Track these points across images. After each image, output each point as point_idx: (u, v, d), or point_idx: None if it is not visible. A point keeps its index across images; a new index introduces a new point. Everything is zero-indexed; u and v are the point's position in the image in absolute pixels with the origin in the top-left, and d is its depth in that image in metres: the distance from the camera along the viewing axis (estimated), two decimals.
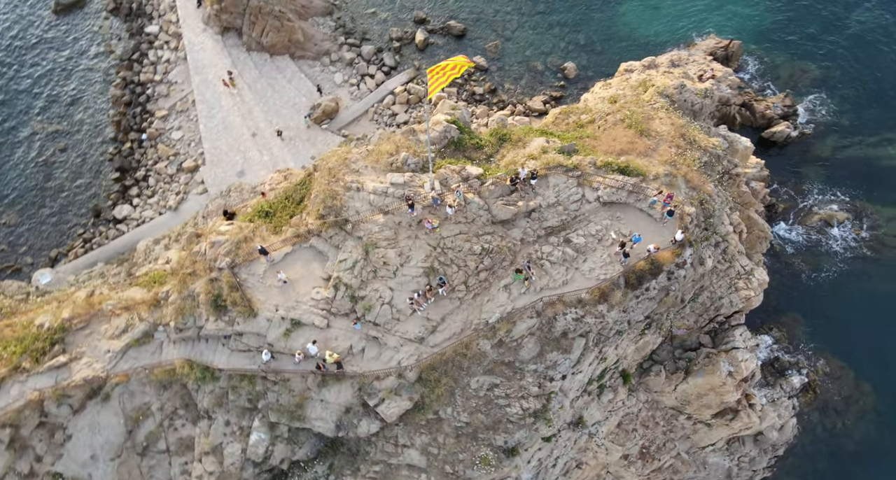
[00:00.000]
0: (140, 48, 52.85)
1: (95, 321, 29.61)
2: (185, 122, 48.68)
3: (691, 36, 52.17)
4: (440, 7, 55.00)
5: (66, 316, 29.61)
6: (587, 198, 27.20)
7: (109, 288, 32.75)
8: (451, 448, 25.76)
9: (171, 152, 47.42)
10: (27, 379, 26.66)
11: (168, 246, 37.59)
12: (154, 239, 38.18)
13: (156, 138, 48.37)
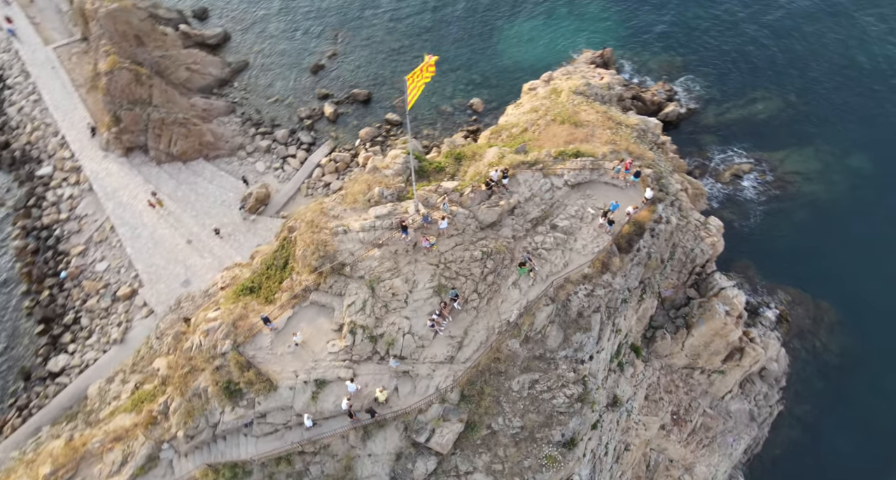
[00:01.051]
0: (35, 192, 49.06)
1: (85, 465, 26.14)
2: (108, 251, 45.47)
3: (569, 53, 57.65)
4: (339, 80, 57.07)
5: (48, 471, 25.78)
6: (556, 185, 28.51)
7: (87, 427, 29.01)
8: (514, 458, 24.57)
9: (99, 285, 43.77)
10: None
11: (126, 379, 34.33)
12: (106, 378, 34.72)
13: (77, 276, 44.38)
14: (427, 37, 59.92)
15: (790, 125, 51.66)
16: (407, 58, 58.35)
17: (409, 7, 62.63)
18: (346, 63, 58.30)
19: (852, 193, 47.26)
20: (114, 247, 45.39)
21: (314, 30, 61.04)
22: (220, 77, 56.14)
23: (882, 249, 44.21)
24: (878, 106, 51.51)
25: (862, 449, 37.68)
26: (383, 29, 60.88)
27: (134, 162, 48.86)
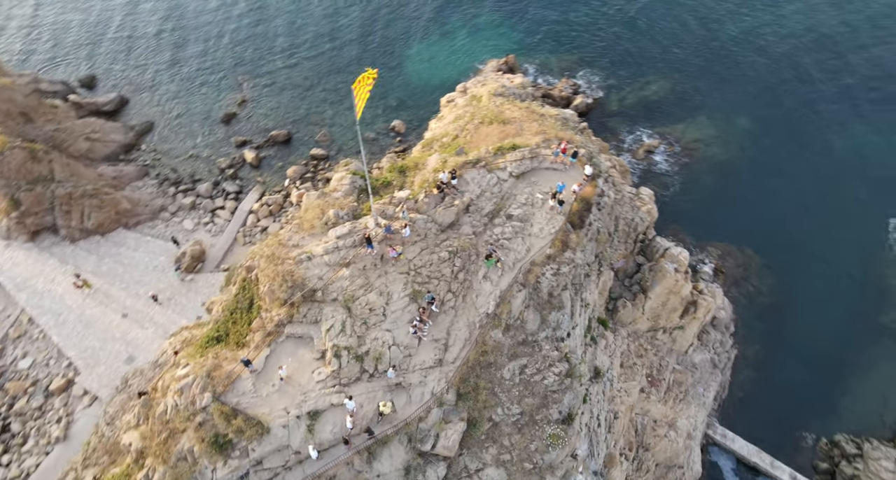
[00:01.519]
0: None
1: None
2: (30, 345, 41.46)
3: (474, 65, 59.91)
4: (254, 125, 55.94)
5: None
6: (501, 178, 29.43)
7: None
8: (520, 444, 24.68)
9: (26, 384, 39.74)
10: None
11: (80, 477, 31.26)
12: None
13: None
14: (332, 70, 60.10)
15: (681, 100, 56.36)
16: (318, 92, 58.26)
17: (306, 44, 62.75)
18: (257, 107, 57.32)
19: (745, 150, 52.18)
20: (36, 340, 41.40)
21: (215, 80, 59.57)
22: (125, 142, 53.38)
23: (780, 194, 49.02)
24: (746, 70, 57.47)
25: (805, 376, 41.00)
26: (287, 68, 60.51)
27: (43, 245, 44.99)
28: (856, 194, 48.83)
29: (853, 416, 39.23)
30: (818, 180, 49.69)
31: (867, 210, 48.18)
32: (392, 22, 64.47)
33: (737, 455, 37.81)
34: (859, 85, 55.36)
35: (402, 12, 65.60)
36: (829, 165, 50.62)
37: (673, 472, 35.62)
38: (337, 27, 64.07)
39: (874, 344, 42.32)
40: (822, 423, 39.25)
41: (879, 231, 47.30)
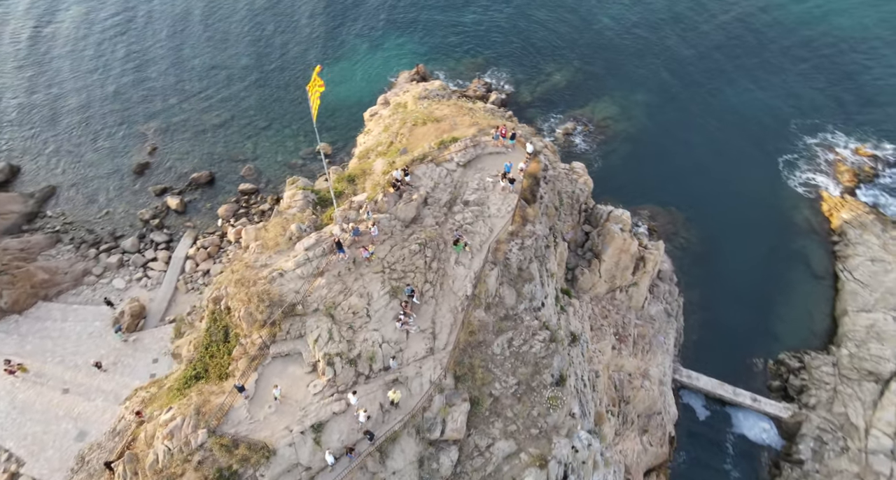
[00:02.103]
0: None
1: None
2: None
3: (387, 79, 60.78)
4: (172, 171, 53.12)
5: None
6: (450, 169, 30.23)
7: None
8: (523, 412, 25.31)
9: None
10: None
11: None
12: None
13: None
14: (241, 106, 58.35)
15: (582, 86, 60.26)
16: (231, 129, 56.21)
17: (213, 81, 60.61)
18: (171, 153, 54.53)
19: (648, 120, 56.68)
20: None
21: (115, 133, 55.92)
22: (26, 211, 48.78)
23: (685, 154, 53.70)
24: (627, 51, 62.58)
25: (742, 309, 44.82)
26: (196, 108, 58.08)
27: None
28: (744, 143, 54.53)
29: (789, 335, 43.34)
30: (710, 137, 55.05)
31: (757, 154, 53.82)
32: (289, 49, 63.87)
33: (704, 392, 40.55)
34: (720, 50, 62.09)
35: (296, 38, 65.17)
36: (716, 123, 56.19)
37: (654, 419, 37.61)
38: (232, 62, 62.43)
39: (790, 269, 47.07)
40: (766, 347, 43.01)
41: (771, 170, 52.94)
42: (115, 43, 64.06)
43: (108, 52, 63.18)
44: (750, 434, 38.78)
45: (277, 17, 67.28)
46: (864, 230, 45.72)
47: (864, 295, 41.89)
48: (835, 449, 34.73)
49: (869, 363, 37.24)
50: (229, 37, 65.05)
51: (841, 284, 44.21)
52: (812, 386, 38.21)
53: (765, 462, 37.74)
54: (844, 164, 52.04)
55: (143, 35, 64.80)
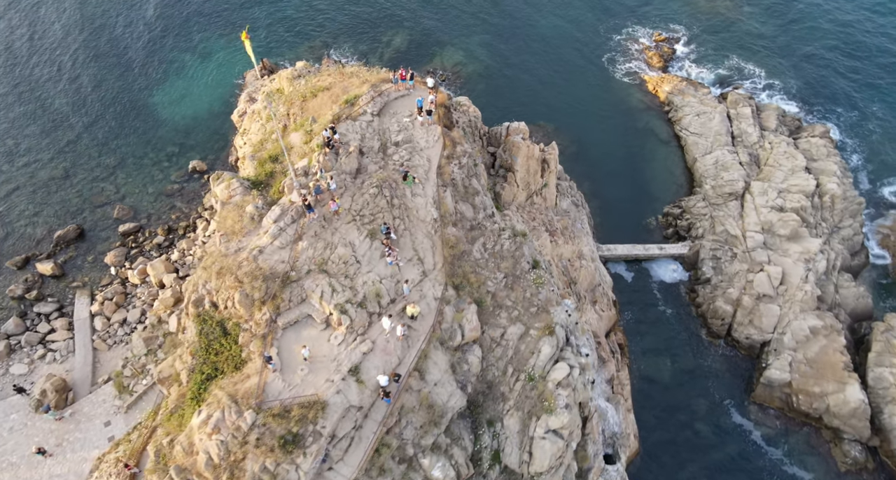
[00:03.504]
0: None
1: None
2: None
3: (233, 83, 58.18)
4: (22, 240, 45.92)
5: None
6: (367, 120, 31.34)
7: None
8: (519, 297, 28.29)
9: None
10: None
11: None
12: None
13: None
14: (81, 149, 51.77)
15: (425, 41, 63.36)
16: (80, 174, 49.37)
17: (30, 134, 52.73)
18: (14, 220, 46.53)
19: (490, 57, 61.72)
20: None
21: None
22: None
23: (530, 74, 59.79)
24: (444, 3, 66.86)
25: (621, 183, 52.11)
26: (23, 168, 49.83)
27: None
28: (571, 55, 62.23)
29: (664, 191, 51.55)
30: (543, 58, 61.78)
31: (583, 61, 61.66)
32: (105, 82, 57.64)
33: (622, 258, 47.10)
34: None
35: (108, 70, 58.76)
36: (543, 46, 63.09)
37: (597, 290, 43.09)
38: (43, 109, 54.95)
39: (643, 142, 55.23)
40: (651, 207, 50.72)
41: (599, 69, 61.11)
42: None
43: None
44: (666, 277, 46.14)
45: (75, 53, 60.15)
46: (684, 95, 55.29)
47: (701, 142, 51.16)
48: (727, 259, 43.04)
49: (726, 187, 46.17)
50: (29, 82, 57.04)
51: (683, 141, 53.32)
52: (695, 221, 46.40)
53: (684, 292, 45.36)
54: (650, 50, 61.72)
55: None
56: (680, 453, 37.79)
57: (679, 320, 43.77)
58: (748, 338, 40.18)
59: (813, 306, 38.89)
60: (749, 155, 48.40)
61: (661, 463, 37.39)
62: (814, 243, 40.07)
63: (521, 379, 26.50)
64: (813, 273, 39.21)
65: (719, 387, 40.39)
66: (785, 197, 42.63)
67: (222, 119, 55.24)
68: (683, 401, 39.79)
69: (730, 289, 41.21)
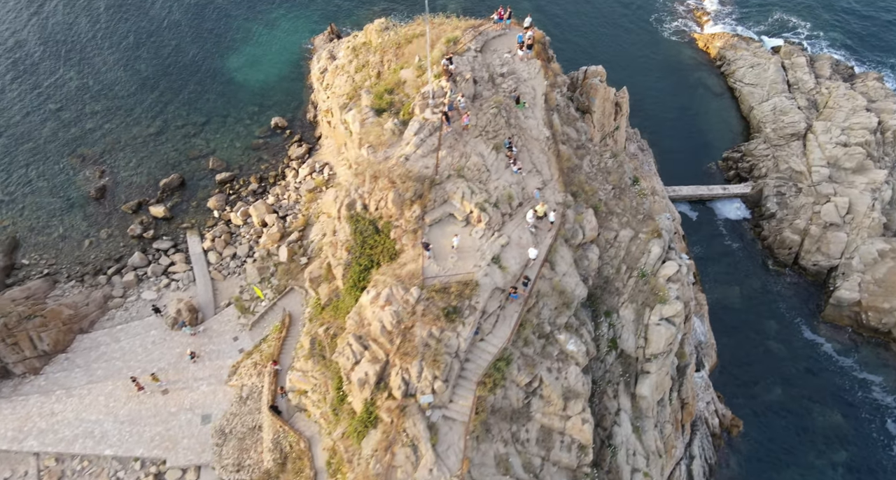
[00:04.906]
0: None
1: None
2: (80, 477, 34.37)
3: (302, 48, 61.40)
4: (134, 187, 49.54)
5: None
6: (471, 56, 34.19)
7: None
8: (627, 205, 31.48)
9: None
10: None
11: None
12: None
13: None
14: (171, 109, 55.31)
15: (474, 5, 65.90)
16: (172, 131, 53.25)
17: (122, 96, 56.23)
18: (122, 171, 51.23)
19: (545, 14, 64.18)
20: (83, 468, 34.83)
21: (48, 168, 50.71)
22: (0, 266, 44.04)
23: (586, 35, 62.07)
24: None
25: (682, 135, 54.69)
26: (121, 125, 53.82)
27: (3, 393, 36.81)
28: (622, 17, 64.21)
29: (721, 139, 54.30)
30: (589, 15, 63.91)
31: (632, 22, 63.91)
32: (184, 50, 61.10)
33: (687, 198, 49.83)
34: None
35: (185, 39, 62.11)
36: (580, 3, 65.28)
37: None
38: (131, 74, 58.04)
39: (697, 96, 57.91)
40: (710, 154, 53.46)
41: (650, 30, 63.40)
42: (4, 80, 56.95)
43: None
44: (730, 215, 48.88)
45: (154, 24, 63.61)
46: (736, 49, 57.66)
47: (757, 91, 53.60)
48: (791, 194, 45.63)
49: (788, 129, 48.69)
50: (115, 52, 60.68)
51: (737, 92, 55.80)
52: (757, 162, 48.99)
53: (748, 228, 48.09)
54: (698, 10, 63.99)
55: (30, 68, 58.14)
56: (754, 367, 40.72)
57: (745, 252, 46.51)
58: (815, 265, 42.84)
59: (880, 232, 41.44)
60: (807, 100, 50.83)
61: (736, 376, 40.35)
62: (880, 174, 42.58)
63: (633, 275, 29.53)
64: (879, 201, 41.74)
65: (789, 310, 43.15)
66: (848, 133, 45.10)
67: (294, 81, 58.77)
68: (755, 323, 42.63)
69: (797, 221, 43.84)
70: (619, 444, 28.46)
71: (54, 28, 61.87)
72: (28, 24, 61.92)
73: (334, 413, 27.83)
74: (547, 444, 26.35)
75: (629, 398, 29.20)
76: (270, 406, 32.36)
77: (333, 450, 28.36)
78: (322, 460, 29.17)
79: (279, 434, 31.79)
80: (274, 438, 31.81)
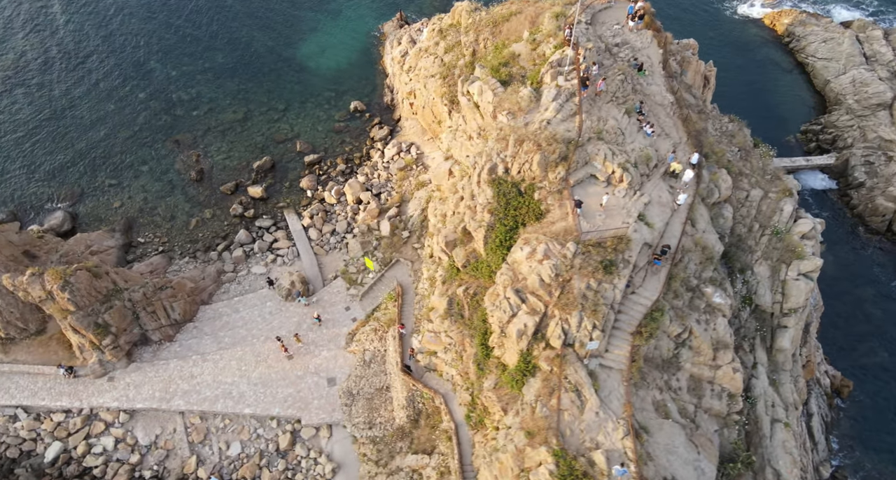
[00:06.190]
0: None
1: None
2: (222, 434, 35.90)
3: (371, 35, 62.40)
4: (227, 170, 51.40)
5: None
6: (584, 27, 34.86)
7: None
8: (753, 167, 31.86)
9: (255, 461, 35.05)
10: None
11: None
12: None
13: None
14: (253, 97, 56.55)
15: None
16: (256, 117, 54.74)
17: (205, 84, 57.86)
18: (215, 155, 52.75)
19: None
20: (224, 426, 36.51)
21: (146, 154, 52.36)
22: (121, 244, 45.97)
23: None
24: None
25: (756, 112, 54.27)
26: (209, 112, 55.42)
27: (145, 357, 38.45)
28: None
29: (796, 114, 54.29)
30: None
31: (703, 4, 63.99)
32: (255, 40, 62.29)
33: None
34: None
35: (255, 31, 63.25)
36: None
37: None
38: (209, 64, 59.42)
39: (768, 74, 57.77)
40: (787, 128, 53.52)
41: (710, 6, 63.24)
42: (85, 72, 58.86)
43: (85, 82, 58.01)
44: (815, 186, 48.94)
45: (226, 19, 65.11)
46: (805, 25, 57.59)
47: (832, 65, 53.55)
48: (881, 163, 45.66)
49: (872, 99, 48.65)
50: (194, 43, 62.29)
51: (810, 68, 55.74)
52: (841, 133, 49.02)
53: (835, 198, 48.14)
54: None
55: (119, 61, 59.98)
56: (855, 330, 40.85)
57: (835, 221, 46.60)
58: None
59: None
60: (888, 71, 50.68)
61: (839, 339, 40.53)
62: None
63: (766, 233, 30.04)
64: None
65: (885, 275, 43.25)
66: None
67: (366, 67, 60.02)
68: (852, 289, 42.80)
69: (890, 188, 43.86)
70: (758, 396, 29.00)
71: (135, 24, 63.71)
72: (113, 21, 63.82)
73: (479, 368, 28.70)
74: (697, 392, 27.01)
75: (765, 352, 29.72)
76: (404, 365, 33.40)
77: (472, 404, 29.35)
78: (460, 414, 30.15)
79: (412, 393, 32.84)
80: (408, 396, 32.83)
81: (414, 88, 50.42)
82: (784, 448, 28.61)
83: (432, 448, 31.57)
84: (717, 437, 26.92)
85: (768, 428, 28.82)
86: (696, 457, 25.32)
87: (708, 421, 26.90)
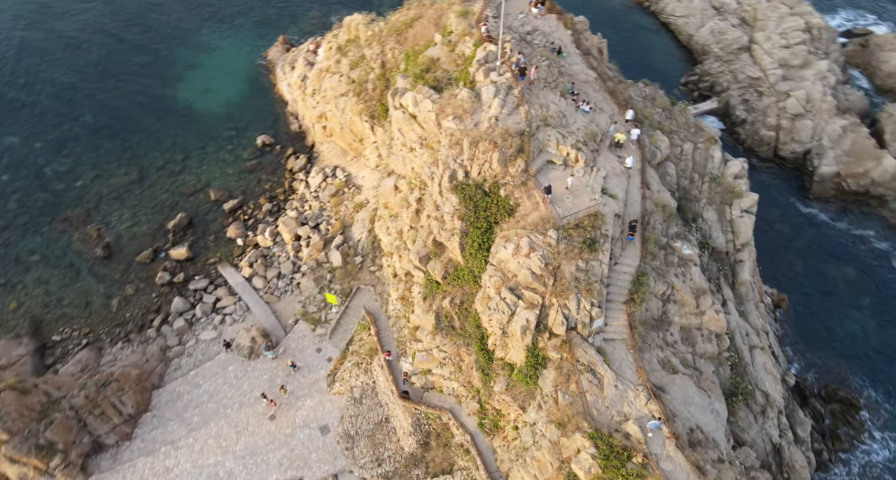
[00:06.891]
0: None
1: None
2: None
3: (257, 63, 58.97)
4: (133, 243, 45.89)
5: None
6: (492, 21, 35.18)
7: None
8: (679, 122, 34.05)
9: None
10: None
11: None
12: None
13: None
14: (142, 153, 50.97)
15: None
16: (154, 174, 49.25)
17: (83, 145, 51.60)
18: (118, 224, 46.17)
19: None
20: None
21: (33, 239, 45.32)
22: (33, 348, 39.22)
23: None
24: None
25: (637, 71, 59.03)
26: (95, 179, 49.02)
27: (103, 466, 33.46)
28: None
29: (672, 69, 59.03)
30: None
31: None
32: (127, 90, 56.40)
33: None
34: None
35: (126, 78, 57.66)
36: None
37: None
38: (86, 121, 53.43)
39: (637, 35, 62.41)
40: (667, 82, 57.98)
41: None
42: None
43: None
44: None
45: (83, 75, 57.96)
46: None
47: (691, 20, 58.95)
48: (755, 98, 51.24)
49: (733, 44, 54.18)
50: (55, 104, 54.85)
51: (673, 26, 60.88)
52: (716, 79, 54.36)
53: (726, 137, 53.18)
54: None
55: None
56: (768, 248, 45.33)
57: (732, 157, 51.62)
58: (793, 153, 48.73)
59: (835, 113, 47.86)
60: (737, 18, 56.79)
61: (760, 260, 44.93)
62: (822, 64, 49.12)
63: (705, 181, 32.43)
64: (828, 87, 48.14)
65: (781, 194, 48.79)
66: (786, 37, 51.26)
67: (259, 97, 56.42)
68: (758, 212, 47.69)
69: (767, 119, 49.40)
70: (734, 329, 31.46)
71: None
72: None
73: (483, 374, 28.27)
74: (691, 341, 28.69)
75: (730, 288, 32.26)
76: (401, 392, 32.06)
77: (483, 411, 28.93)
78: (472, 424, 29.60)
79: (417, 417, 31.64)
80: (413, 421, 31.59)
81: (324, 111, 48.15)
82: (765, 370, 31.38)
83: (451, 467, 30.67)
84: (716, 377, 28.82)
85: (748, 356, 31.41)
86: (709, 401, 26.93)
87: (705, 365, 28.69)
